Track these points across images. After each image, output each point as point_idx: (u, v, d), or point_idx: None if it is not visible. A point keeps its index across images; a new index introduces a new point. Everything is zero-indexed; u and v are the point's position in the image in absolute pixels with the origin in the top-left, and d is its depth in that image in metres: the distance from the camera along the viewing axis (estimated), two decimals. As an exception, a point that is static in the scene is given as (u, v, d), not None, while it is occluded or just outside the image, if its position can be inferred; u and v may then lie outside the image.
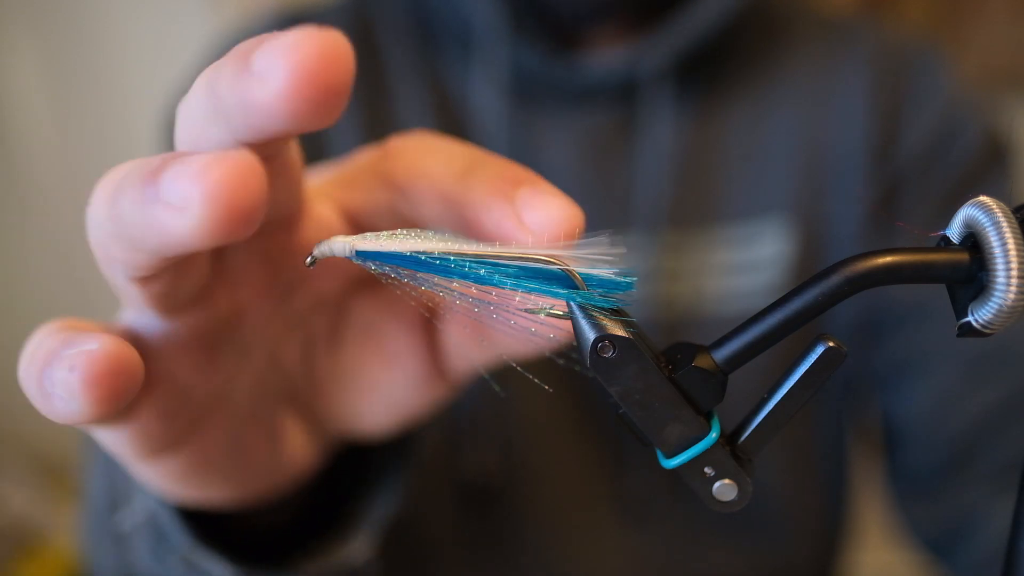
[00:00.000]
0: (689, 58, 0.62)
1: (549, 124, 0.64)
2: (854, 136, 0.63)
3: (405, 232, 0.26)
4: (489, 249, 0.25)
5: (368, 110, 0.65)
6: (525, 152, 0.63)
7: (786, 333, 0.25)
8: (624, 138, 0.64)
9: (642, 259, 0.62)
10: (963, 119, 0.64)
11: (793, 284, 0.62)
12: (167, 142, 0.65)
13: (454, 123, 0.65)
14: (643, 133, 0.63)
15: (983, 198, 0.24)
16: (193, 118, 0.23)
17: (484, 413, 0.63)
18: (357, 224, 0.32)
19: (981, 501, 0.57)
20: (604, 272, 0.25)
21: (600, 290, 0.25)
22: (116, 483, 0.39)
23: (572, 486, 0.66)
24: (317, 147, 0.64)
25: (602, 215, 0.63)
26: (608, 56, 0.64)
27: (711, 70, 0.64)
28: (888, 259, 0.24)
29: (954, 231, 0.25)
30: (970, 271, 0.24)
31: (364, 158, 0.32)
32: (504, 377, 0.62)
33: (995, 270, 0.23)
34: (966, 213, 0.24)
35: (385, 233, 0.26)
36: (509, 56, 0.62)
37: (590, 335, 0.25)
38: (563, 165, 0.63)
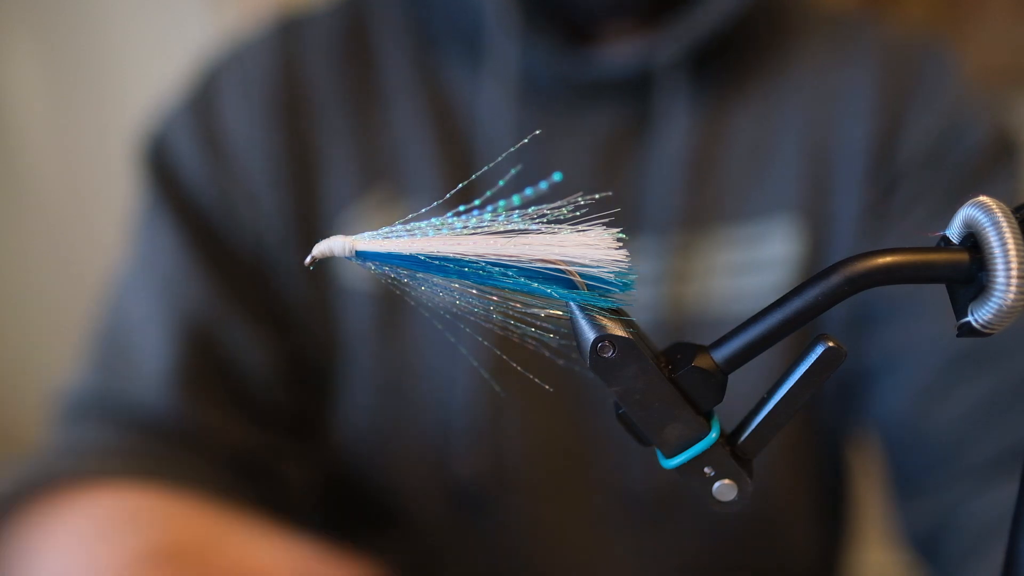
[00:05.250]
0: (702, 51, 0.62)
1: (559, 125, 0.63)
2: (860, 134, 0.63)
3: (403, 226, 0.26)
4: (490, 250, 0.25)
5: (360, 118, 0.64)
6: (534, 154, 0.62)
7: (786, 333, 0.25)
8: (636, 137, 0.63)
9: (653, 260, 0.62)
10: (970, 117, 0.63)
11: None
12: (155, 179, 0.63)
13: (455, 129, 0.64)
14: (657, 130, 0.63)
15: (983, 198, 0.24)
16: None
17: (476, 416, 0.63)
18: None
19: (964, 498, 0.57)
20: (604, 272, 0.25)
21: (600, 290, 0.25)
22: None
23: (567, 489, 0.66)
24: (307, 159, 0.63)
25: (613, 217, 0.62)
26: (621, 50, 0.64)
27: (723, 65, 0.64)
28: (888, 259, 0.24)
29: (954, 231, 0.25)
30: (970, 271, 0.24)
31: None
32: (497, 381, 0.62)
33: (995, 270, 0.23)
34: (966, 213, 0.24)
35: (384, 229, 0.26)
36: (519, 53, 0.61)
37: (590, 335, 0.25)
38: (573, 166, 0.63)
